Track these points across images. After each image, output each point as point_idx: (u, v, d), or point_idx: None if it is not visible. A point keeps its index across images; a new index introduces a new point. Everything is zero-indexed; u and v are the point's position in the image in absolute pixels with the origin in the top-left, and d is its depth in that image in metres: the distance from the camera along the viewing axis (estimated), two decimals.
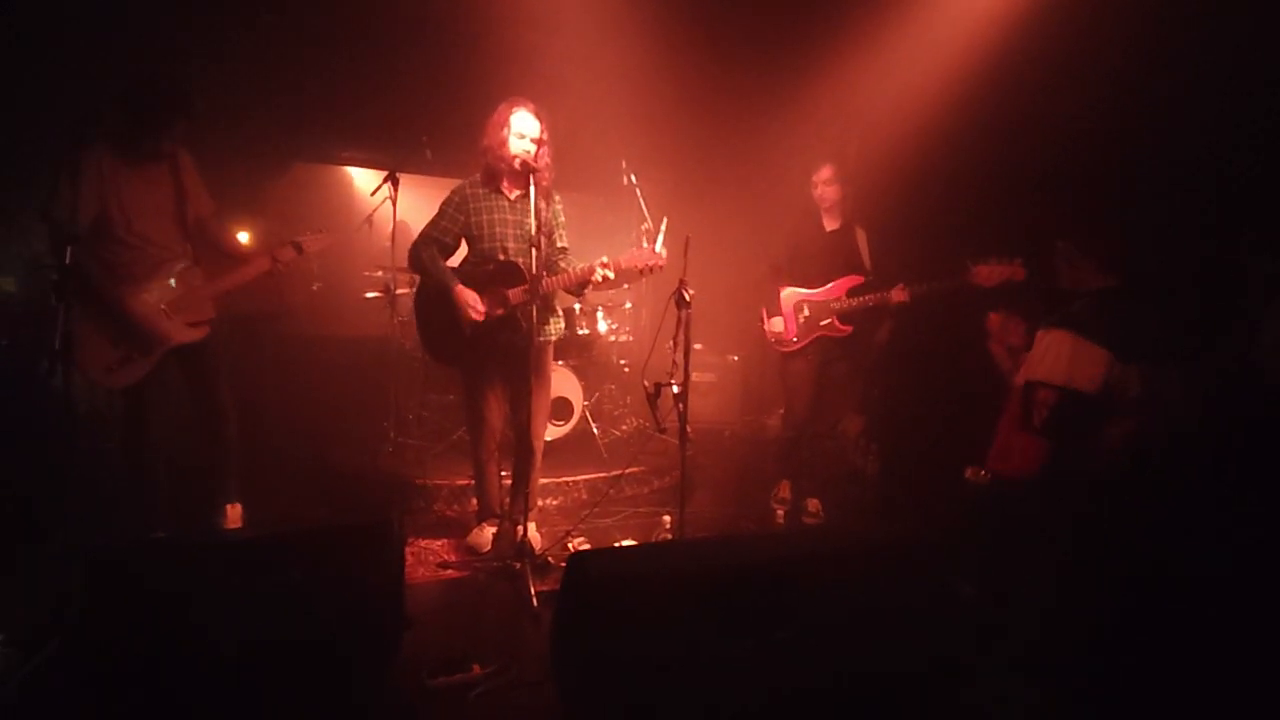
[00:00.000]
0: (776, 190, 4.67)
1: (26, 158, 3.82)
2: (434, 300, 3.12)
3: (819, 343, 3.66)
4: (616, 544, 3.39)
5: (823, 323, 3.62)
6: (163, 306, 2.83)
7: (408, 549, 2.99)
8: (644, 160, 4.67)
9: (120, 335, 2.76)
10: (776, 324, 3.73)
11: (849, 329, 3.60)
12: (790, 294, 3.72)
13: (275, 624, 1.94)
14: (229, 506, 3.10)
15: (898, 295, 3.43)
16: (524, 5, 4.46)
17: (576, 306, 4.66)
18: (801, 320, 3.68)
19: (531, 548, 3.01)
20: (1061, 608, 2.40)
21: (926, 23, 4.30)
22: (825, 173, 3.68)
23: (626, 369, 5.42)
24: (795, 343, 3.69)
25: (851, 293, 3.59)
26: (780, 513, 3.91)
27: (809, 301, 3.67)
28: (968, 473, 3.21)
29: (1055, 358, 2.93)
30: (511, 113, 2.94)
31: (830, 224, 3.75)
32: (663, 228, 2.91)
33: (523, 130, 2.93)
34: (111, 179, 2.75)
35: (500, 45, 4.66)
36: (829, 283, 3.65)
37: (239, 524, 3.09)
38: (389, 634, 2.17)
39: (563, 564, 3.02)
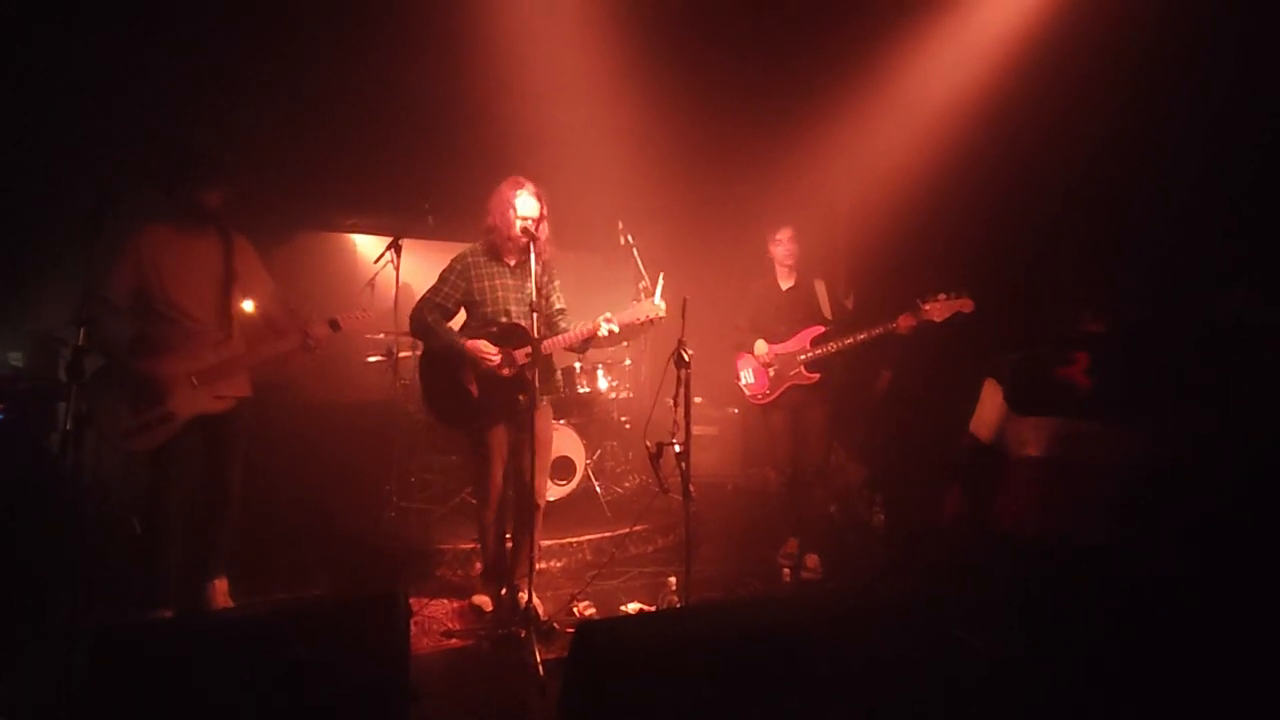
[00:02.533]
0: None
1: (38, 236, 3.92)
2: (440, 363, 3.19)
3: (790, 392, 3.85)
4: (623, 608, 3.35)
5: (790, 373, 3.83)
6: (192, 377, 2.87)
7: (412, 619, 2.96)
8: (640, 219, 4.76)
9: (140, 401, 2.79)
10: (747, 377, 3.98)
11: (816, 376, 3.79)
12: (758, 349, 3.91)
13: (281, 701, 1.91)
14: (216, 581, 3.09)
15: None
16: (522, 75, 4.61)
17: (577, 365, 4.70)
18: (771, 374, 3.90)
19: (536, 614, 2.98)
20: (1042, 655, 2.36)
21: (913, 86, 4.48)
22: (786, 232, 3.93)
23: (628, 426, 5.43)
24: (768, 395, 3.91)
25: (815, 342, 3.80)
26: (786, 570, 3.91)
27: (775, 355, 3.87)
28: None
29: (978, 407, 3.09)
30: (515, 196, 3.13)
31: (785, 282, 4.00)
32: (660, 282, 3.06)
33: (526, 213, 3.13)
34: (154, 253, 2.85)
35: (499, 113, 4.82)
36: (791, 336, 3.86)
37: (226, 598, 3.09)
38: (395, 709, 2.14)
39: (568, 629, 3.00)
